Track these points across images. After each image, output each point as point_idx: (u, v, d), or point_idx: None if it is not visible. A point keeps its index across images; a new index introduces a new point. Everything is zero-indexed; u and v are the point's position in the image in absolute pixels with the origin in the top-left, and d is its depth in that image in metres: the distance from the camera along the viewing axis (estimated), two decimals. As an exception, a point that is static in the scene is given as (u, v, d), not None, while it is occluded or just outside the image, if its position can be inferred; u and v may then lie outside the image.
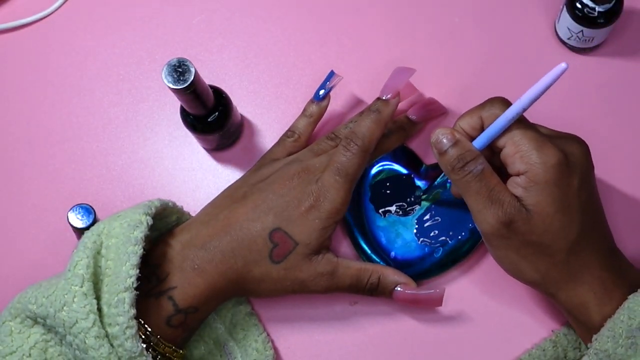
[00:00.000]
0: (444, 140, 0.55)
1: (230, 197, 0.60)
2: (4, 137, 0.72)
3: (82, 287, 0.51)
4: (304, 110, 0.66)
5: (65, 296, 0.51)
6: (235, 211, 0.57)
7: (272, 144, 0.66)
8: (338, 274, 0.59)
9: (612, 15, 0.65)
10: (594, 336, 0.53)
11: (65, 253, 0.68)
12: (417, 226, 0.65)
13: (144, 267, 0.54)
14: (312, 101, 0.65)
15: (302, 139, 0.65)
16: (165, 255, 0.55)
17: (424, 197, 0.65)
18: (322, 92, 0.65)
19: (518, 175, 0.53)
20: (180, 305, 0.54)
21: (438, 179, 0.64)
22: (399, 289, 0.60)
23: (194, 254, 0.55)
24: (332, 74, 0.65)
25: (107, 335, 0.50)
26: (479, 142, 0.56)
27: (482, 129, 0.56)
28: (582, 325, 0.56)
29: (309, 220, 0.58)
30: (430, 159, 0.68)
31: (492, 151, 0.56)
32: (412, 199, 0.66)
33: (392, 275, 0.61)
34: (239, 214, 0.57)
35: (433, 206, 0.66)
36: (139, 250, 0.53)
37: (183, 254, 0.55)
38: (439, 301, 0.61)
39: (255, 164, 0.65)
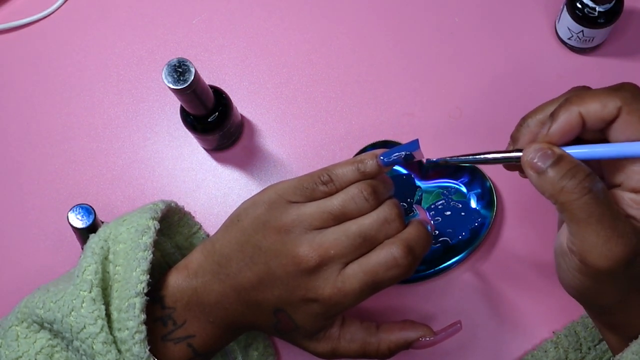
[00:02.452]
0: (542, 159, 0.45)
1: (240, 247, 0.53)
2: (4, 137, 0.72)
3: (90, 292, 0.51)
4: (359, 161, 0.52)
5: (74, 301, 0.51)
6: (243, 274, 0.52)
7: (272, 142, 0.65)
8: (340, 350, 0.54)
9: (613, 15, 0.65)
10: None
11: (65, 253, 0.68)
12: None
13: (157, 305, 0.53)
14: (374, 156, 0.52)
15: (337, 192, 0.52)
16: (181, 301, 0.54)
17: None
18: (393, 157, 0.51)
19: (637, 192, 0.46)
20: (200, 351, 0.54)
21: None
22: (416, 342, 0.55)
23: (209, 310, 0.53)
24: (415, 145, 0.51)
25: (114, 342, 0.50)
26: (580, 154, 0.46)
27: (579, 128, 0.46)
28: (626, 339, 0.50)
29: (313, 310, 0.51)
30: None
31: None
32: (413, 200, 0.66)
33: (403, 335, 0.54)
34: (245, 279, 0.52)
35: (433, 206, 0.66)
36: (148, 255, 0.52)
37: (199, 306, 0.53)
38: (457, 331, 0.55)
39: (267, 193, 0.53)
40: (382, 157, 0.51)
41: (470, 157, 0.50)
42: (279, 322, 0.52)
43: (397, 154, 0.51)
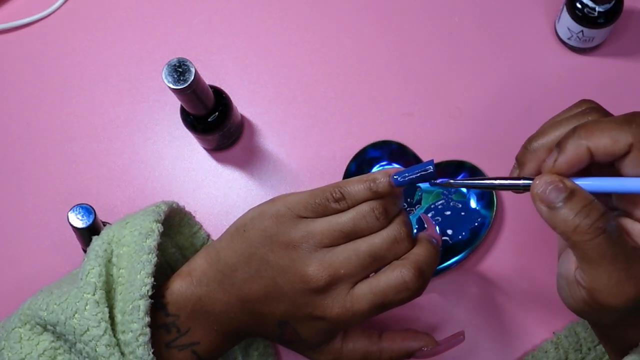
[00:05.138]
0: (554, 192, 0.44)
1: (246, 258, 0.52)
2: (4, 137, 0.72)
3: (94, 295, 0.51)
4: (372, 180, 0.50)
5: (77, 304, 0.51)
6: (249, 285, 0.51)
7: (272, 142, 0.65)
8: (342, 359, 0.53)
9: (612, 15, 0.65)
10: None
11: (65, 253, 0.68)
12: (417, 227, 0.65)
13: (160, 312, 0.53)
14: (387, 175, 0.50)
15: (348, 209, 0.51)
16: (184, 309, 0.53)
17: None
18: (406, 178, 0.50)
19: None
20: (204, 356, 0.54)
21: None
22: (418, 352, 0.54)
23: (214, 319, 0.53)
24: (429, 166, 0.49)
25: (117, 344, 0.50)
26: (591, 187, 0.44)
27: (587, 161, 0.45)
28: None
29: (319, 326, 0.51)
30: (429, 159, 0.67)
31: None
32: (413, 199, 0.66)
33: (405, 345, 0.54)
34: (251, 291, 0.51)
35: (433, 206, 0.66)
36: (152, 258, 0.52)
37: (204, 314, 0.53)
38: (460, 342, 0.56)
39: (276, 205, 0.52)
40: (395, 177, 0.50)
41: (476, 181, 0.49)
42: (284, 333, 0.52)
43: (410, 174, 0.50)
